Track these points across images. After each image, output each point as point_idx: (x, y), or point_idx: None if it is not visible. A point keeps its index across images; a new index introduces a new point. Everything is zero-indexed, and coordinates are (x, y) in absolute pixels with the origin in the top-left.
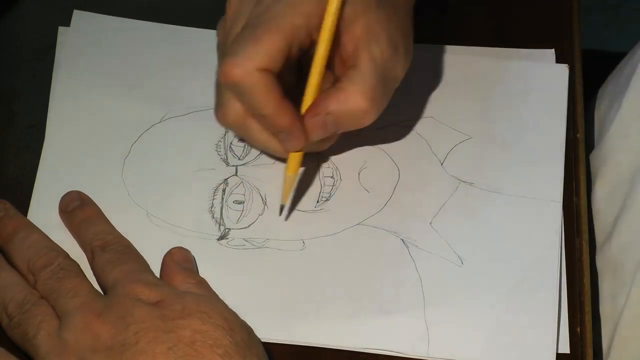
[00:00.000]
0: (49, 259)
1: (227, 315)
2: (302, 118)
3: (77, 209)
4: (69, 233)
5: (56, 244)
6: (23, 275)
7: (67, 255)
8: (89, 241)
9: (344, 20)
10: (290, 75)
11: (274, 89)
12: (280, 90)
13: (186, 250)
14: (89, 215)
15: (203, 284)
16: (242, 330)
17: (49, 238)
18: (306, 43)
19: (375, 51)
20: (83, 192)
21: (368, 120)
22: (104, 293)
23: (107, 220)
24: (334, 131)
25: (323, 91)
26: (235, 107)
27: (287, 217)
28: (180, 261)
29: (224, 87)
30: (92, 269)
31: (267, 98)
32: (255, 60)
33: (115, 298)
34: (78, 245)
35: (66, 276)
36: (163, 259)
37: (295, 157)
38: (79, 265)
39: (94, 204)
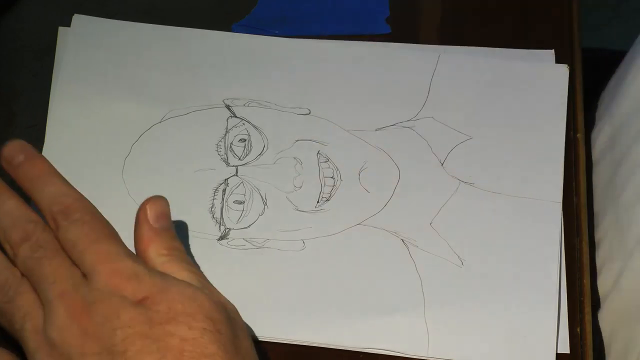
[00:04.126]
0: (26, 232)
1: (212, 315)
2: None
3: (25, 164)
4: None
5: (34, 214)
6: (0, 244)
7: (44, 227)
8: (47, 205)
9: None
10: None
11: None
12: None
13: (161, 201)
14: (41, 172)
15: (175, 254)
16: (228, 327)
17: (27, 206)
18: None
19: None
20: (83, 192)
21: None
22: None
23: (62, 177)
24: None
25: None
26: None
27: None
28: (154, 218)
29: None
30: (57, 239)
31: None
32: None
33: (97, 293)
34: None
35: (44, 256)
36: (136, 214)
37: None
38: (56, 241)
39: (42, 157)
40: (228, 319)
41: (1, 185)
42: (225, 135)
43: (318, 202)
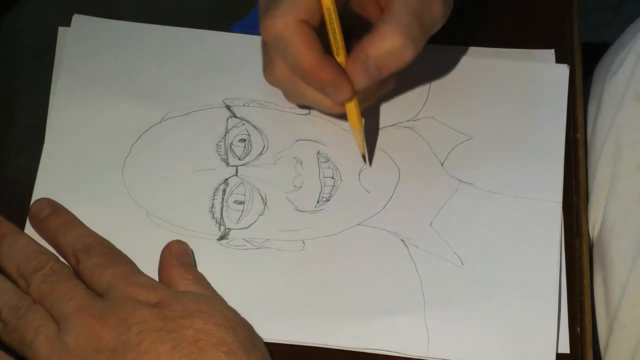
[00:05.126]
0: (40, 263)
1: (228, 314)
2: (343, 69)
3: (52, 215)
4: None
5: (45, 248)
6: (14, 280)
7: (57, 259)
8: (70, 245)
9: None
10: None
11: (315, 42)
12: (320, 44)
13: (184, 243)
14: (66, 221)
15: (200, 279)
16: (244, 328)
17: (37, 242)
18: None
19: None
20: (83, 192)
21: (408, 56)
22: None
23: (84, 223)
24: (378, 75)
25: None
26: (281, 66)
27: (370, 163)
28: (178, 255)
29: (269, 46)
30: (78, 273)
31: (309, 51)
32: (295, 13)
33: (113, 301)
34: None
35: (59, 279)
36: (161, 252)
37: (353, 110)
38: (70, 268)
39: (67, 209)
40: (244, 323)
41: (12, 226)
42: (225, 135)
43: (318, 202)
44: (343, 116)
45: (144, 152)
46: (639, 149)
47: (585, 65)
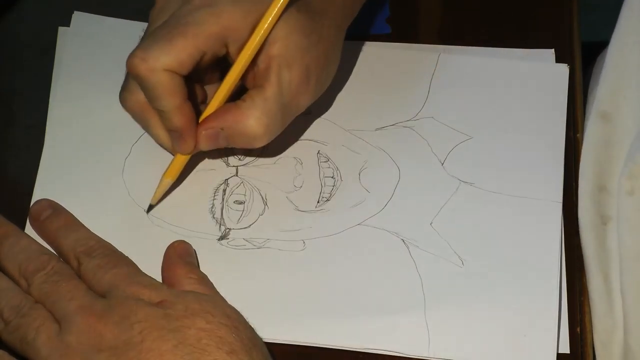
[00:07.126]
0: (42, 263)
1: (230, 314)
2: (196, 124)
3: (52, 217)
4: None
5: (46, 248)
6: (15, 280)
7: (59, 259)
8: (71, 248)
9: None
10: (211, 73)
11: (176, 90)
12: (183, 92)
13: (188, 244)
14: (66, 222)
15: (204, 279)
16: (246, 328)
17: (38, 243)
18: (221, 52)
19: (285, 77)
20: (83, 192)
21: (258, 144)
22: None
23: (84, 225)
24: (224, 145)
25: (226, 104)
26: (137, 96)
27: (148, 211)
28: (182, 254)
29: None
30: (79, 275)
31: (168, 98)
32: (163, 61)
33: (115, 300)
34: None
35: (61, 279)
36: (165, 251)
37: (177, 164)
38: (71, 269)
39: (67, 211)
40: (246, 323)
41: (13, 227)
42: None
43: (318, 202)
44: (343, 116)
45: (144, 153)
46: (598, 168)
47: (585, 65)
